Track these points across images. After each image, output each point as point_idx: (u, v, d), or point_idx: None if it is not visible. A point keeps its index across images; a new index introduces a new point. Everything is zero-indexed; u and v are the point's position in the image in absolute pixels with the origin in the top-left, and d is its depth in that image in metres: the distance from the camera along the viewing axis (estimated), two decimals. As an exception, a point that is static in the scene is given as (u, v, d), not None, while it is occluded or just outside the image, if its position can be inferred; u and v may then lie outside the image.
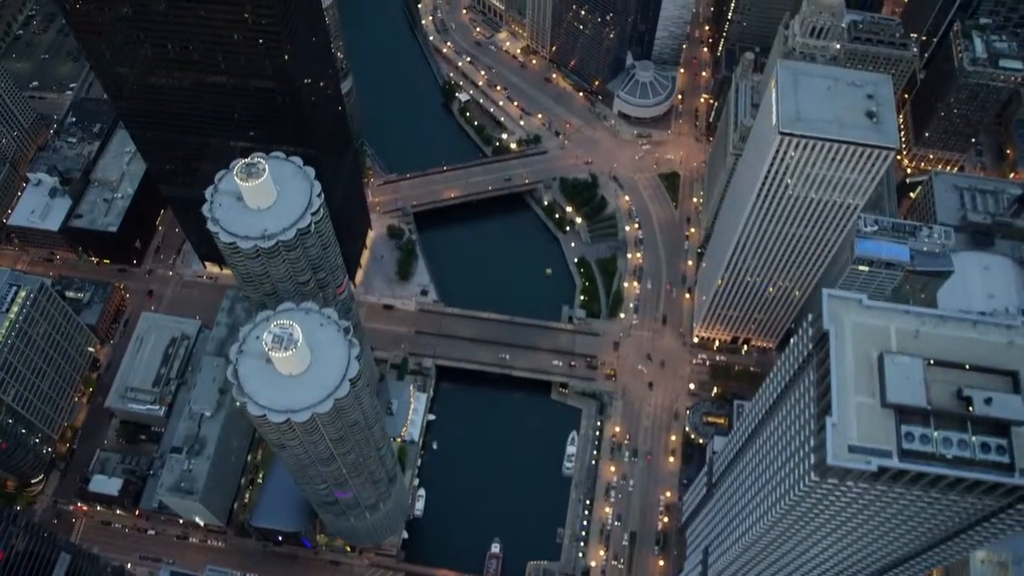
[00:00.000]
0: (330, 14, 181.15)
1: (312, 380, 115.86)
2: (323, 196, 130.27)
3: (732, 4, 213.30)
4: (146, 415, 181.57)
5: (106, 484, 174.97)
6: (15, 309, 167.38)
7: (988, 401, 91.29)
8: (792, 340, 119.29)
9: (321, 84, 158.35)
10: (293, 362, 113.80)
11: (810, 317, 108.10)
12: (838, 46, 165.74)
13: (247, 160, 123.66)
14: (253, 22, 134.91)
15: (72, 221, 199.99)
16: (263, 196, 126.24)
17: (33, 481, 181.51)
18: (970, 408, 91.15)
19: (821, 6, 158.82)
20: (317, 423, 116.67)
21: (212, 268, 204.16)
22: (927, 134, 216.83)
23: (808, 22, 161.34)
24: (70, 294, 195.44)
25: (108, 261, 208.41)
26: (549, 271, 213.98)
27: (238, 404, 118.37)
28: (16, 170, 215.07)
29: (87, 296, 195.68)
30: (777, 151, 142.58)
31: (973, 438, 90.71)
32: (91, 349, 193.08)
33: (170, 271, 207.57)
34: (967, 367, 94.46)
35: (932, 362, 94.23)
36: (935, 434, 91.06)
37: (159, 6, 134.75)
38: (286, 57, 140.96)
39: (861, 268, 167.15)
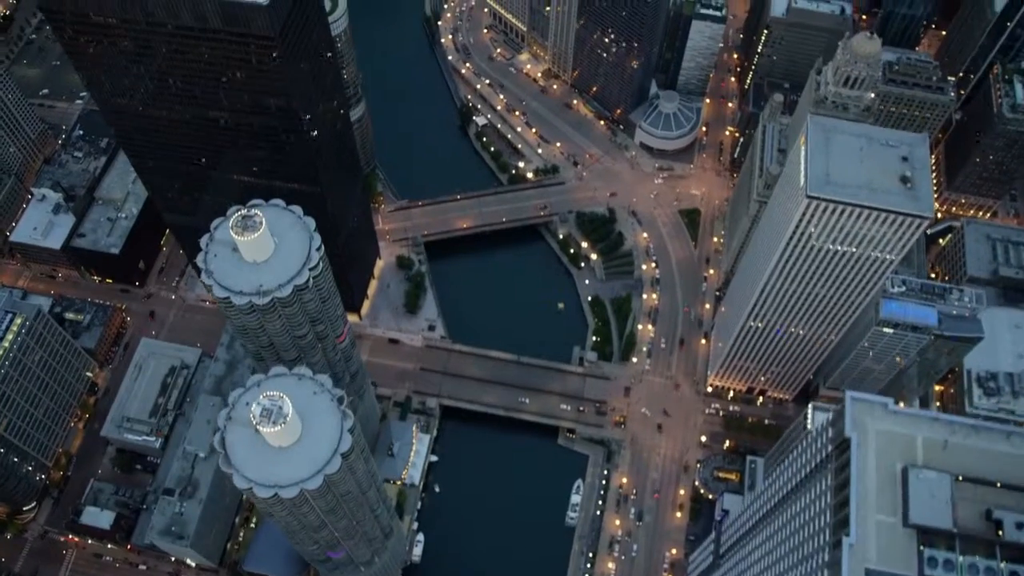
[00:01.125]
0: (342, 40, 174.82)
1: (302, 453, 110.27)
2: (323, 248, 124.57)
3: (763, 37, 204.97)
4: (142, 445, 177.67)
5: (98, 517, 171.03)
6: (9, 337, 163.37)
7: (1020, 526, 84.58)
8: (811, 430, 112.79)
9: (328, 120, 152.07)
10: (282, 436, 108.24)
11: (831, 415, 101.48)
12: (872, 96, 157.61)
13: (244, 212, 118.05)
14: (257, 62, 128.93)
15: (74, 240, 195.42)
16: (260, 250, 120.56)
17: (25, 508, 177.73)
18: (1000, 532, 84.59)
19: (857, 56, 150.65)
20: (306, 497, 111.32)
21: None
22: (960, 179, 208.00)
23: (842, 71, 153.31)
24: (69, 316, 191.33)
25: (110, 281, 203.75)
26: (561, 305, 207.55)
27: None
28: (22, 182, 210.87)
29: (87, 319, 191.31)
30: (804, 213, 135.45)
31: (1002, 565, 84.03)
32: (89, 374, 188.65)
33: (173, 294, 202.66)
34: (999, 484, 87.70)
35: (961, 478, 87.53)
36: (960, 559, 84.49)
37: (161, 43, 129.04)
38: (290, 98, 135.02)
39: (886, 330, 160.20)
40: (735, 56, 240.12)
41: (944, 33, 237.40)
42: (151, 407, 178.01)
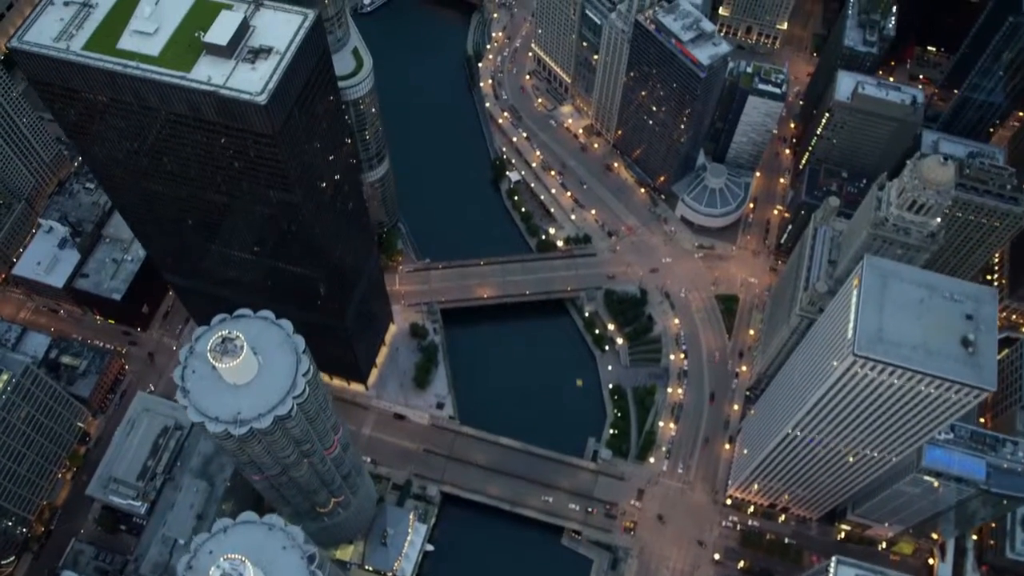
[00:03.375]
0: (366, 102, 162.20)
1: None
2: (312, 371, 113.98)
3: (824, 119, 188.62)
4: (128, 508, 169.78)
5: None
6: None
7: None
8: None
9: (337, 205, 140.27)
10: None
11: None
12: (939, 221, 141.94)
13: (224, 333, 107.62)
14: (255, 155, 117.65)
15: (77, 280, 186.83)
16: (241, 373, 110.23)
17: (3, 562, 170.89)
18: None
19: (927, 182, 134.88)
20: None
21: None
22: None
23: (908, 195, 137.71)
24: (66, 360, 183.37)
25: (112, 321, 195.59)
26: (580, 382, 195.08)
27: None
28: (32, 207, 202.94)
29: (83, 365, 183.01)
30: (849, 368, 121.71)
31: None
32: (80, 424, 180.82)
33: (175, 343, 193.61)
34: None
35: None
36: None
37: (153, 124, 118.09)
38: (292, 192, 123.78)
39: (926, 478, 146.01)
40: (792, 126, 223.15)
41: (1022, 114, 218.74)
42: (140, 469, 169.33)
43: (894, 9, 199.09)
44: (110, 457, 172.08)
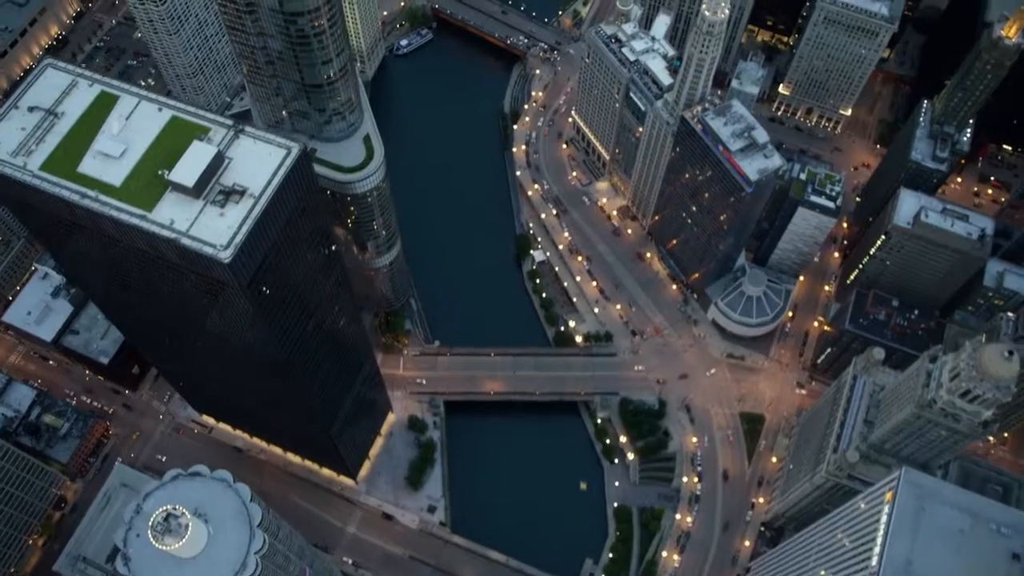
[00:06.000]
0: (373, 196, 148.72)
1: None
2: (267, 545, 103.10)
3: (879, 241, 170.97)
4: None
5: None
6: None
7: None
8: None
9: (321, 335, 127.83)
10: None
11: None
12: (991, 413, 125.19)
13: (168, 509, 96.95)
14: (223, 301, 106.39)
15: (66, 337, 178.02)
16: (186, 549, 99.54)
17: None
18: None
19: (985, 374, 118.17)
20: None
21: (208, 419, 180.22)
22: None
23: (962, 383, 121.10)
24: (48, 420, 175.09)
25: (102, 378, 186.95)
26: (584, 485, 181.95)
27: None
28: (32, 244, 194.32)
29: (65, 427, 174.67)
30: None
31: None
32: (56, 491, 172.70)
33: (163, 408, 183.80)
34: None
35: None
36: None
37: (116, 252, 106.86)
38: (265, 338, 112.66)
39: None
40: (845, 226, 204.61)
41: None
42: (111, 550, 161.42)
43: (971, 121, 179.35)
44: (81, 533, 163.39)
